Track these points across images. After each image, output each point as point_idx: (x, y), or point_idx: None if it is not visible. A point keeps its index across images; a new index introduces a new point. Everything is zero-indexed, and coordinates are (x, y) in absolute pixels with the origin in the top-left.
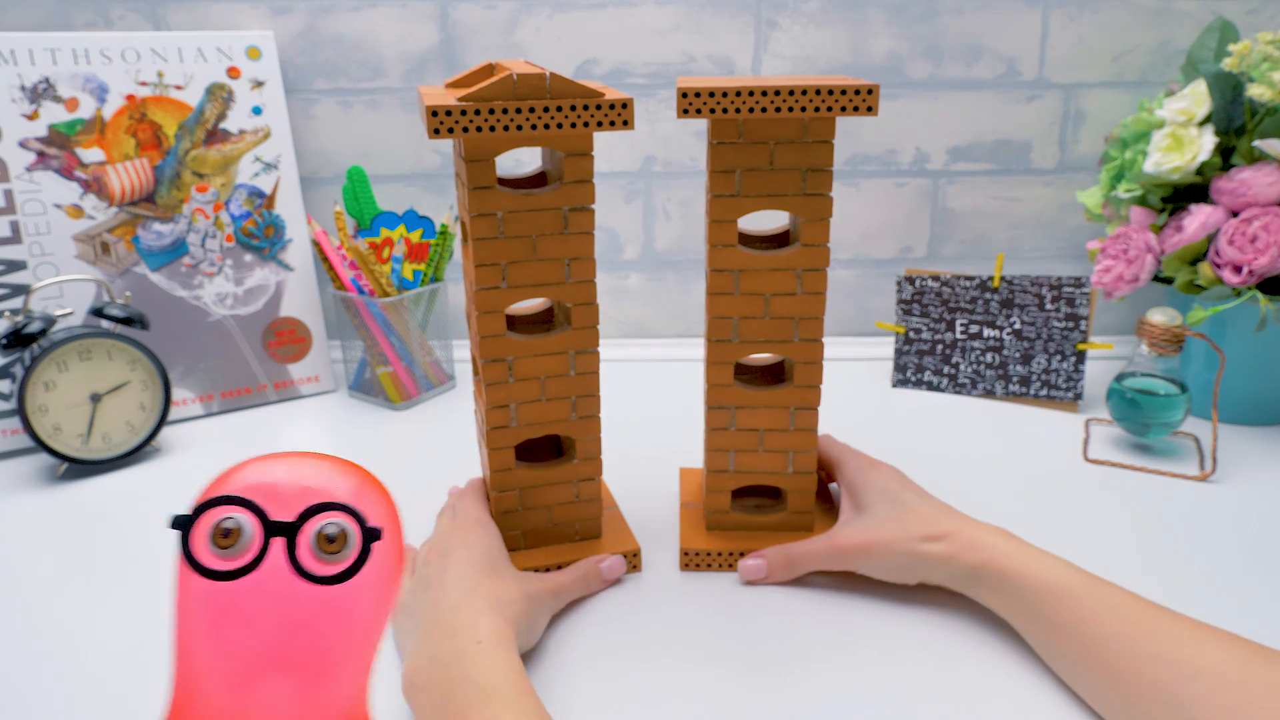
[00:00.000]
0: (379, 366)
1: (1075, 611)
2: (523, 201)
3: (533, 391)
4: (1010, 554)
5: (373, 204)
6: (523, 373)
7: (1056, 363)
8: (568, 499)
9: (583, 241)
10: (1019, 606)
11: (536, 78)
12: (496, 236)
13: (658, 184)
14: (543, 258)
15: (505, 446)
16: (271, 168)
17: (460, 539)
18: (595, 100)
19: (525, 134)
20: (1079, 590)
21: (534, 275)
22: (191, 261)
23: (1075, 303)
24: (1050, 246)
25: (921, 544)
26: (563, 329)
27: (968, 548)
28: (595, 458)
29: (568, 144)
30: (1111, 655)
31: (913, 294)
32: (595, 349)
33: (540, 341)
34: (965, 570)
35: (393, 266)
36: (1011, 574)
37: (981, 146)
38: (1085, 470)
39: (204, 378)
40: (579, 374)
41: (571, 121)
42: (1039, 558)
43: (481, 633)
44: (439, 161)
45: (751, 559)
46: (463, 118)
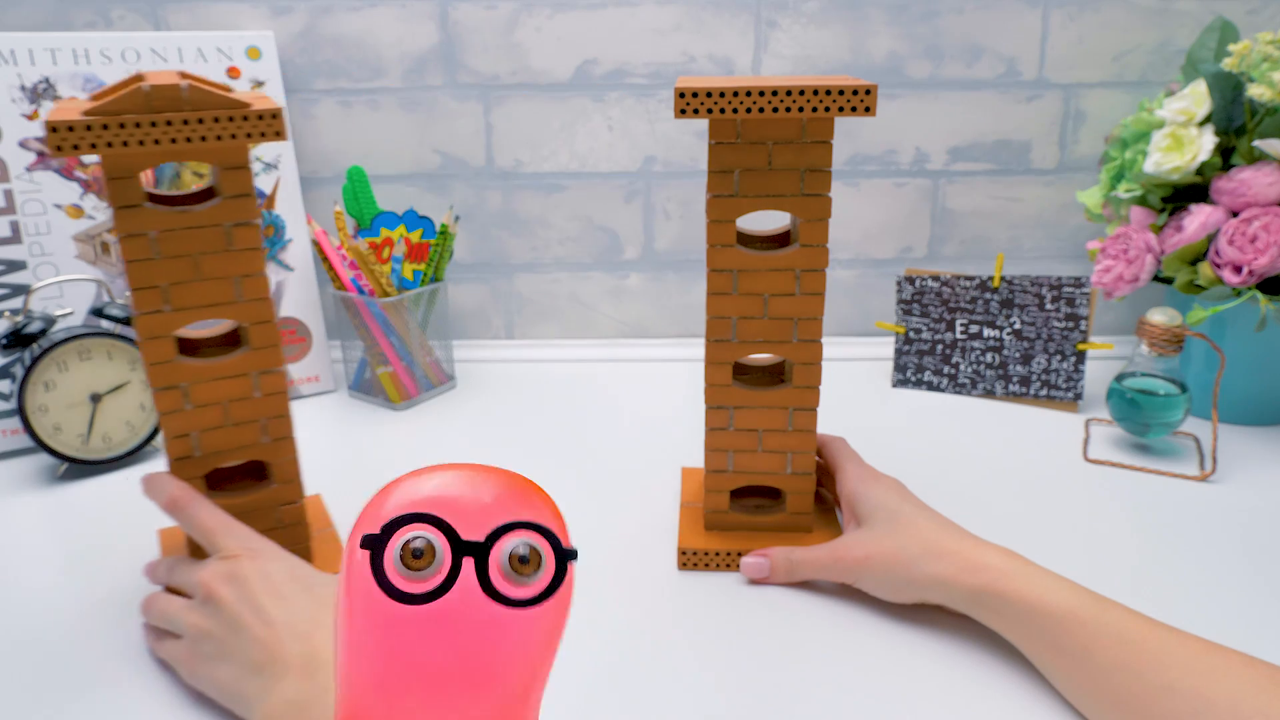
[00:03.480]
0: (379, 367)
1: (1080, 638)
2: (178, 219)
3: (215, 417)
4: (1012, 576)
5: (373, 204)
6: (202, 398)
7: (1056, 363)
8: (269, 525)
9: (251, 258)
10: (1022, 631)
11: (171, 89)
12: (152, 258)
13: (658, 184)
14: (208, 277)
15: (192, 478)
16: (271, 168)
17: (254, 565)
18: (241, 111)
19: (167, 148)
20: (1083, 614)
21: (201, 296)
22: None
23: (1075, 303)
24: (1050, 246)
25: (920, 563)
26: (243, 350)
27: (967, 569)
28: (294, 480)
29: (220, 157)
30: (1120, 686)
31: (912, 294)
32: (279, 368)
33: (217, 365)
34: (965, 593)
35: (393, 266)
36: (1013, 598)
37: (981, 146)
38: (1085, 470)
39: None
40: (265, 395)
41: (217, 134)
42: (1041, 579)
43: None
44: (439, 161)
45: (755, 557)
46: (89, 133)
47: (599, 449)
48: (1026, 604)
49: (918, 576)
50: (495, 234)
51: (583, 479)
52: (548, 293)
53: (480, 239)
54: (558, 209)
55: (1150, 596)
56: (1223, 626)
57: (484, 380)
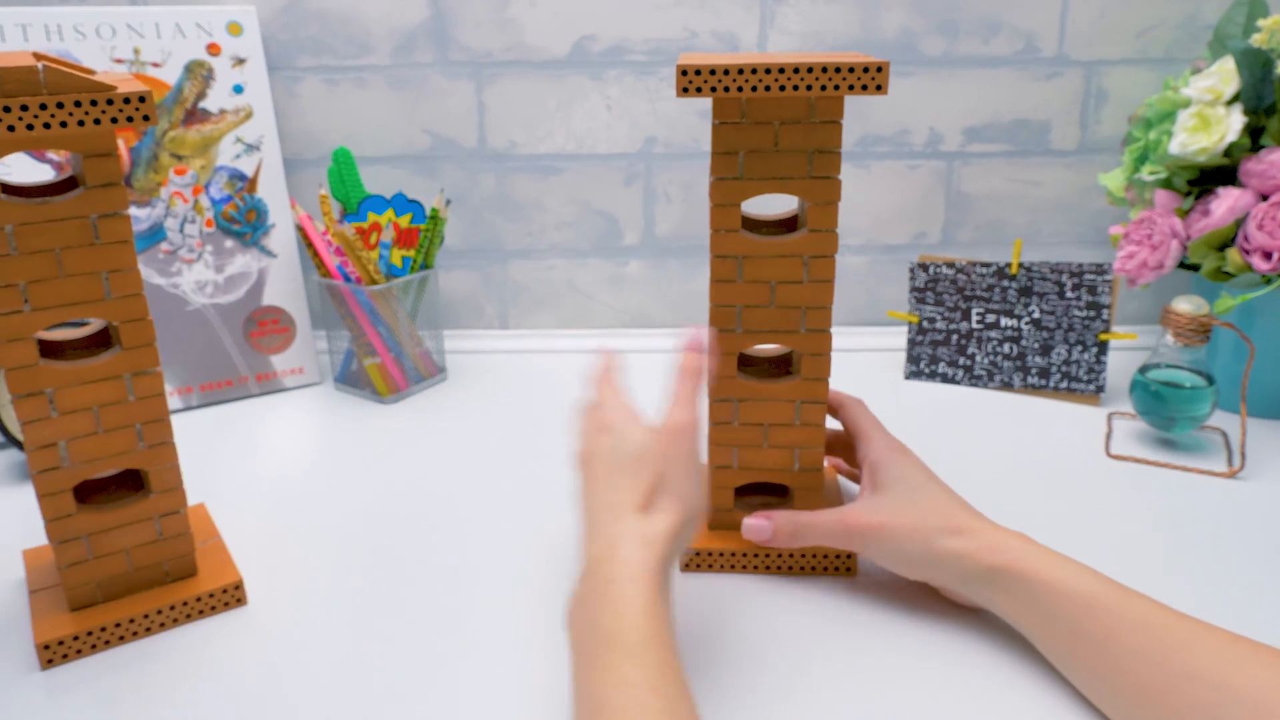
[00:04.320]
0: (366, 358)
1: (1103, 624)
2: (37, 212)
3: (85, 424)
4: (1033, 558)
5: (360, 187)
6: (69, 404)
7: (1077, 354)
8: (149, 538)
9: (120, 252)
10: (1038, 615)
11: (27, 71)
12: (9, 254)
13: (659, 166)
14: (73, 273)
15: (60, 490)
16: (253, 149)
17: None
18: (105, 94)
19: (22, 135)
20: (1106, 600)
21: (65, 294)
22: (169, 248)
23: (1097, 290)
24: (1071, 231)
25: (937, 536)
26: (113, 351)
27: (986, 547)
28: (176, 488)
29: (84, 144)
30: (1142, 673)
31: (926, 281)
32: (155, 369)
33: (86, 368)
34: (981, 570)
35: (380, 253)
36: (1032, 579)
37: (998, 127)
38: (1107, 466)
39: (182, 369)
40: (140, 399)
41: (78, 119)
42: (1063, 564)
43: (616, 569)
44: (429, 143)
45: (758, 519)
46: None
47: None
48: (1047, 586)
49: (935, 550)
50: (488, 219)
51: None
52: (543, 280)
53: (472, 224)
54: (554, 192)
55: (1175, 598)
56: (1253, 629)
57: (476, 372)
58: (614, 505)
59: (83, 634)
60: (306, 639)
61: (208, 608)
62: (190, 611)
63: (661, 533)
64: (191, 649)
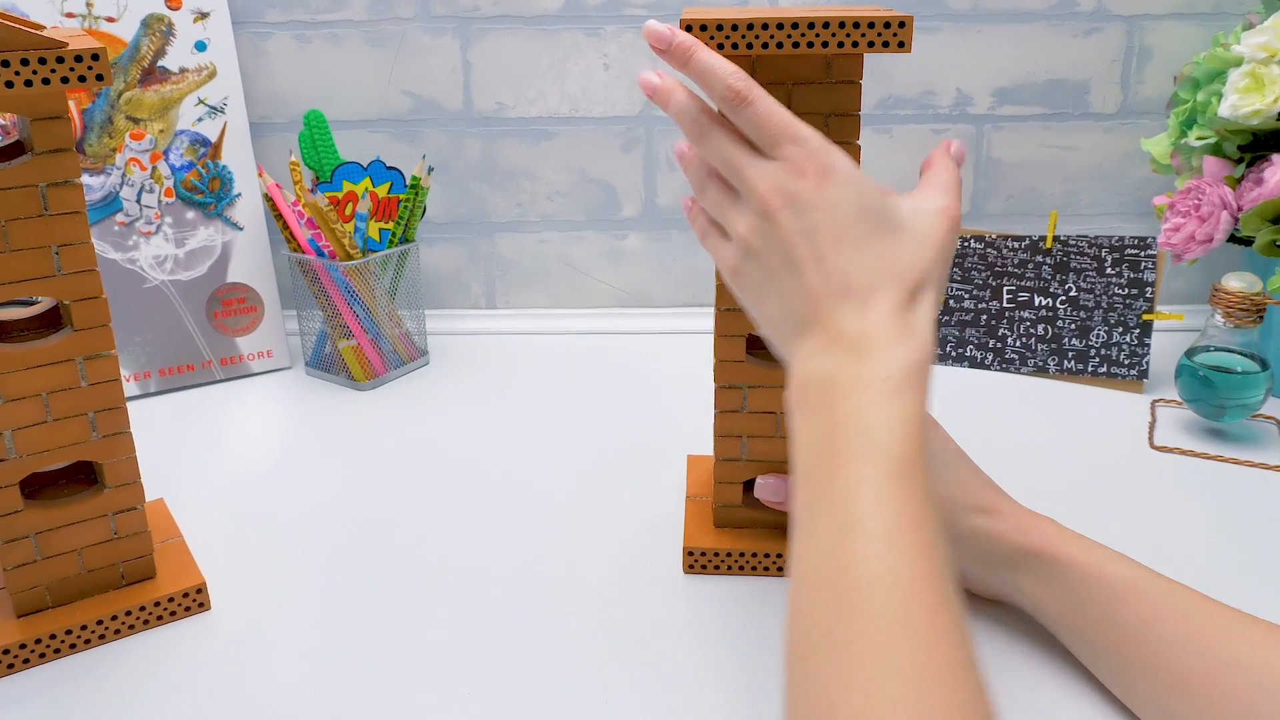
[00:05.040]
0: (341, 340)
1: (1138, 610)
2: None
3: (34, 412)
4: (1064, 540)
5: (334, 153)
6: (15, 390)
7: (1118, 335)
8: (103, 537)
9: (72, 224)
10: (1067, 600)
11: None
12: None
13: (661, 130)
14: (19, 247)
15: (6, 485)
16: (217, 112)
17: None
18: (54, 52)
19: None
20: (1143, 585)
21: (11, 270)
22: (125, 219)
23: (1140, 266)
24: (1111, 202)
25: (964, 514)
26: (64, 332)
27: (1017, 528)
28: (133, 482)
29: (32, 106)
30: (1180, 661)
31: (953, 256)
32: (109, 352)
33: (34, 351)
34: (1008, 552)
35: (356, 225)
36: (1064, 562)
37: (1032, 87)
38: (1151, 459)
39: (139, 352)
40: (93, 384)
41: (26, 79)
42: (1095, 548)
43: (892, 365)
44: (410, 105)
45: (774, 478)
46: None
47: (593, 435)
48: (1079, 570)
49: (960, 529)
50: (474, 188)
51: (574, 470)
52: (534, 255)
53: (457, 194)
54: (546, 159)
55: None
56: None
57: (461, 356)
58: (881, 276)
59: (30, 642)
60: (274, 647)
61: (167, 613)
62: (148, 617)
63: (932, 341)
64: (149, 658)
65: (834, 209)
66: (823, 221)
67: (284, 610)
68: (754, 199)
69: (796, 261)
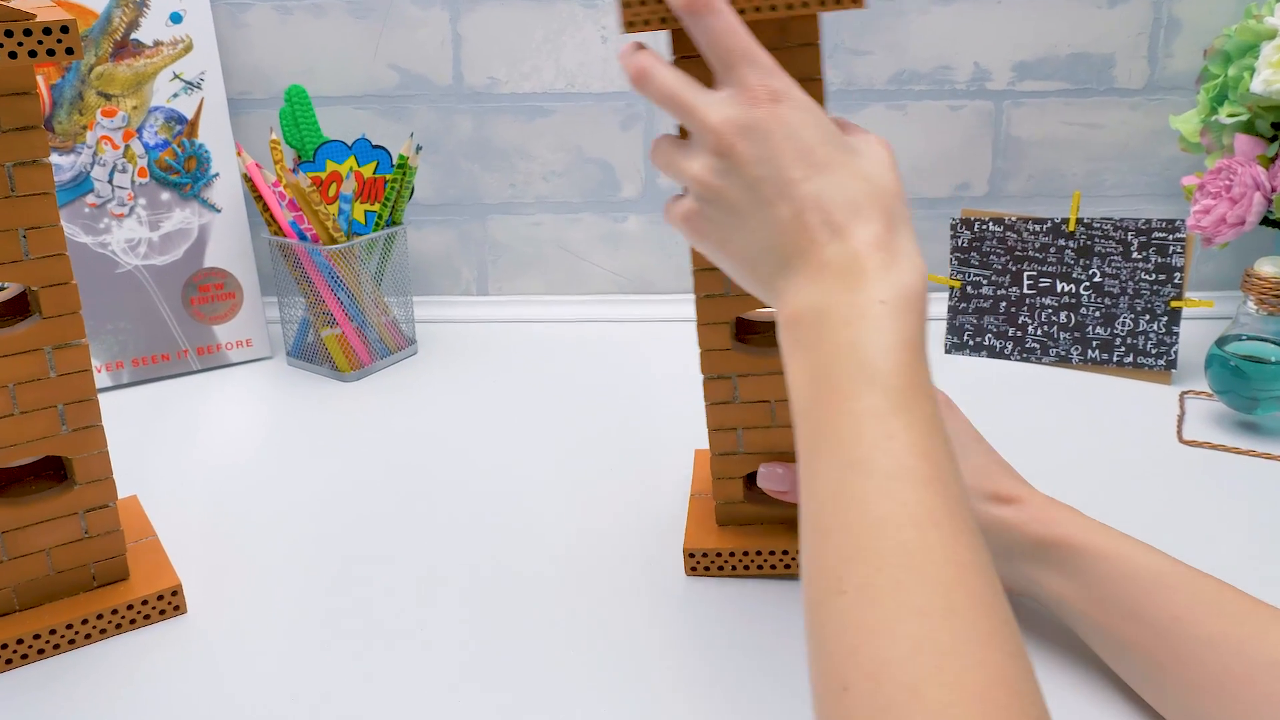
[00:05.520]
0: (324, 328)
1: (1169, 606)
2: None
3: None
4: (1091, 531)
5: (317, 131)
6: None
7: (1145, 323)
8: (73, 536)
9: (40, 206)
10: (1092, 595)
11: None
12: None
13: None
14: None
15: None
16: (193, 87)
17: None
18: (22, 24)
19: None
20: (1174, 580)
21: None
22: (97, 201)
23: (1168, 251)
24: (1137, 182)
25: (982, 503)
26: (32, 320)
27: (1038, 518)
28: (105, 479)
29: None
30: (1214, 661)
31: (970, 240)
32: (80, 340)
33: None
34: (1030, 543)
35: (341, 207)
36: (1090, 553)
37: (1054, 61)
38: (1180, 454)
39: (111, 342)
40: (63, 375)
41: None
42: (1123, 539)
43: (887, 289)
44: (397, 80)
45: (777, 466)
46: None
47: (591, 429)
48: (1107, 562)
49: (980, 517)
50: (465, 167)
51: (571, 466)
52: (528, 239)
53: (447, 174)
54: (540, 137)
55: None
56: None
57: (451, 345)
58: (858, 199)
59: None
60: (254, 652)
61: (141, 616)
62: (120, 621)
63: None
64: (122, 664)
65: (793, 131)
66: (784, 147)
67: (264, 613)
68: (707, 134)
69: (764, 194)
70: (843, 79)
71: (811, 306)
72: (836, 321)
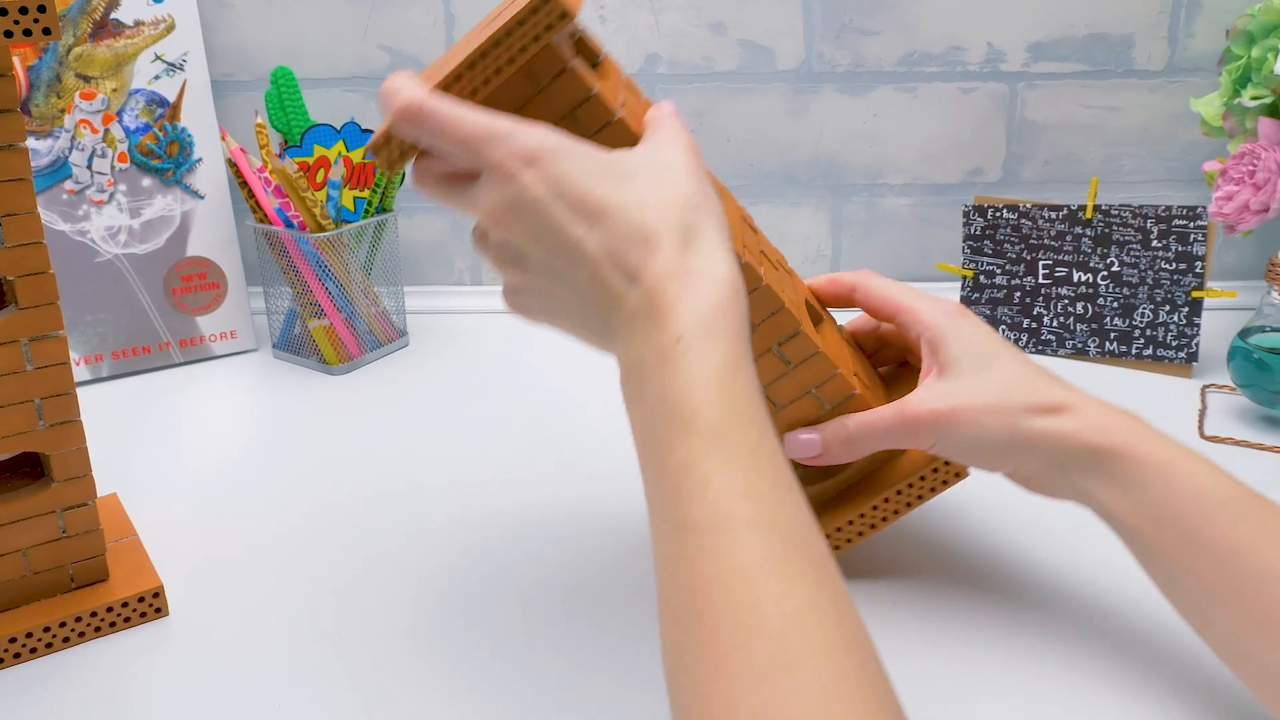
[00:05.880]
0: (312, 320)
1: (1231, 534)
2: None
3: None
4: (1150, 441)
5: (304, 114)
6: None
7: (1165, 314)
8: (50, 536)
9: (16, 192)
10: (1150, 512)
11: None
12: None
13: (663, 89)
14: None
15: None
16: (176, 69)
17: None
18: None
19: None
20: (1239, 506)
21: None
22: (75, 187)
23: (1189, 239)
24: (1157, 168)
25: (1026, 416)
26: (8, 311)
27: (1091, 426)
28: (83, 476)
29: None
30: (1273, 596)
31: (983, 228)
32: (57, 332)
33: None
34: (1082, 454)
35: (329, 193)
36: (1147, 468)
37: (1071, 42)
38: (1201, 450)
39: (90, 333)
40: (40, 368)
41: None
42: (1188, 455)
43: (683, 322)
44: (387, 61)
45: (804, 433)
46: None
47: (589, 424)
48: (1167, 480)
49: (1024, 433)
50: None
51: (568, 462)
52: None
53: None
54: None
55: None
56: None
57: (443, 337)
58: (642, 230)
59: None
60: (238, 656)
61: (121, 619)
62: (100, 624)
63: (726, 273)
64: (101, 669)
65: (559, 189)
66: (555, 210)
67: (249, 616)
68: (488, 225)
69: (558, 265)
70: (850, 60)
71: (631, 363)
72: (648, 373)
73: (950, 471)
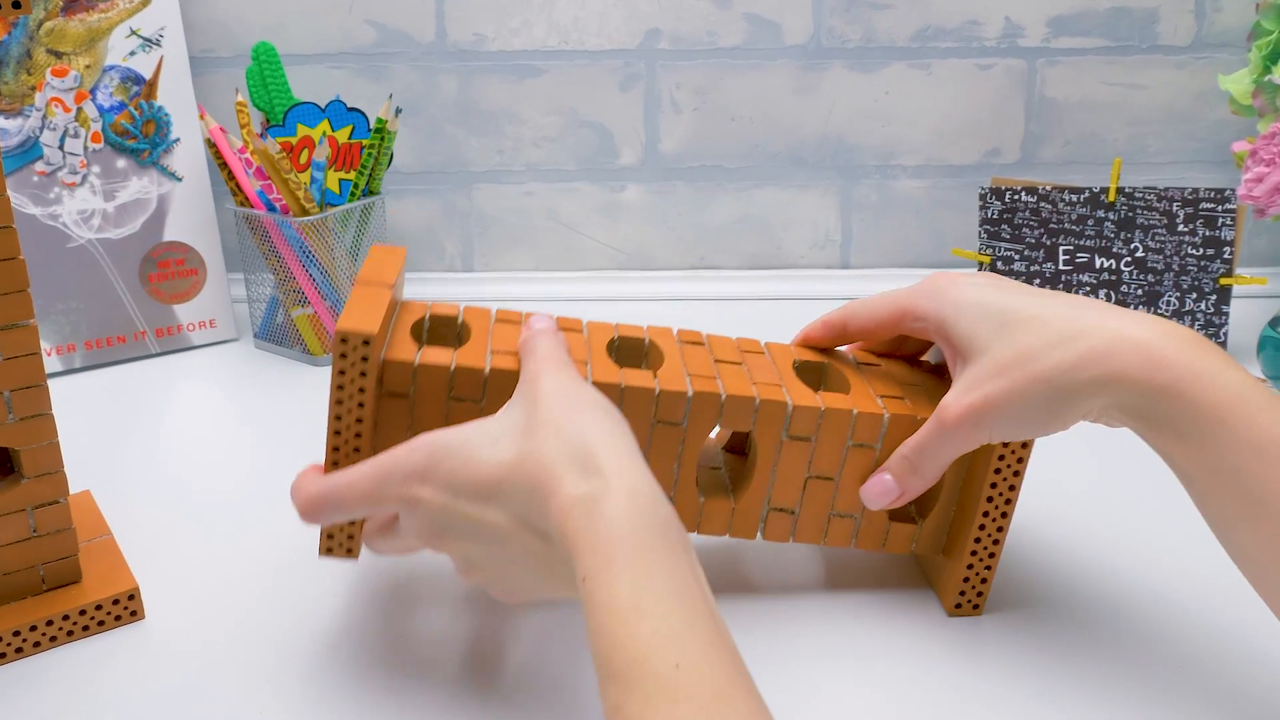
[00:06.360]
0: (295, 308)
1: None
2: None
3: None
4: (1209, 379)
5: (287, 92)
6: None
7: (1191, 302)
8: (20, 535)
9: None
10: (1206, 459)
11: None
12: None
13: (664, 66)
14: None
15: None
16: (152, 44)
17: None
18: None
19: None
20: None
21: None
22: (46, 168)
23: (1217, 223)
24: (1183, 149)
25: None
26: None
27: (1140, 363)
28: (55, 472)
29: None
30: None
31: (1001, 211)
32: (28, 321)
33: None
34: (1142, 394)
35: (313, 175)
36: (1207, 412)
37: (1093, 16)
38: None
39: (63, 322)
40: (9, 359)
41: None
42: (1249, 397)
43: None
44: (374, 36)
45: (875, 478)
46: None
47: None
48: (1225, 426)
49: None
50: (449, 132)
51: None
52: (518, 210)
53: (429, 139)
54: (532, 99)
55: None
56: None
57: None
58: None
59: None
60: (217, 661)
61: (94, 622)
62: (72, 627)
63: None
64: (73, 674)
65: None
66: (461, 508)
67: (228, 618)
68: (431, 547)
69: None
70: (861, 35)
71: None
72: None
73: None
